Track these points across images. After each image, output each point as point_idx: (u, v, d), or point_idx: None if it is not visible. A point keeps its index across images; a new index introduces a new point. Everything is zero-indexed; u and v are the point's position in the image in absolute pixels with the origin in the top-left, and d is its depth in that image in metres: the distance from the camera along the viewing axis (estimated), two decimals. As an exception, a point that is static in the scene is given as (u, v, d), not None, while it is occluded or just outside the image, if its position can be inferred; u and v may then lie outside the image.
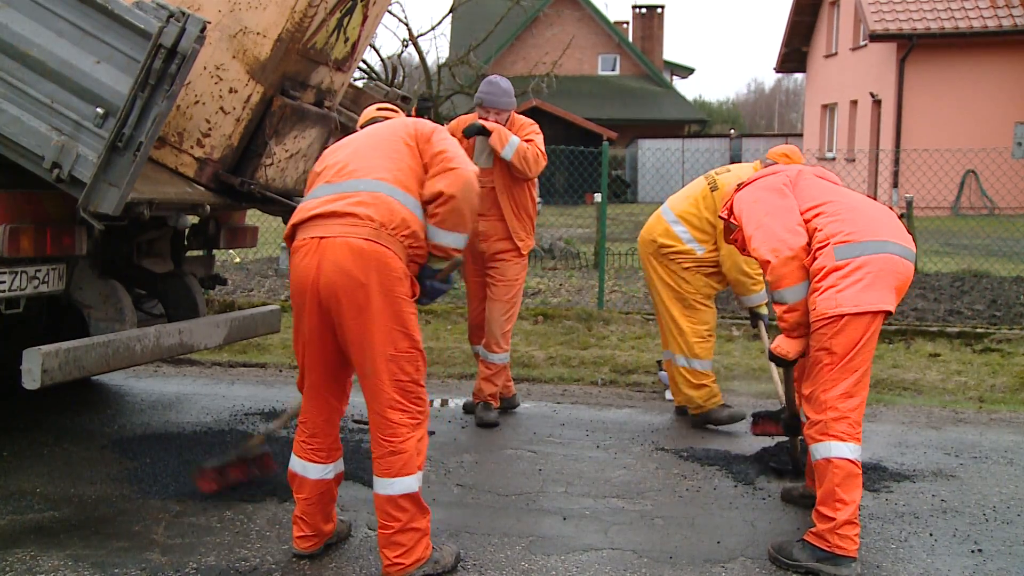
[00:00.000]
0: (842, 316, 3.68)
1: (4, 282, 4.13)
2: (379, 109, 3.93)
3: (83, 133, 3.76)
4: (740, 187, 4.21)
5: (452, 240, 3.49)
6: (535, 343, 7.80)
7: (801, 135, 30.82)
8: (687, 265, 5.59)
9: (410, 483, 3.37)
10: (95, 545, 3.74)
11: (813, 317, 3.78)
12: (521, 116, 5.76)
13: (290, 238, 3.47)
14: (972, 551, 3.86)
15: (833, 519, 3.61)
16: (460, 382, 6.82)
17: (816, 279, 3.78)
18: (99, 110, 3.74)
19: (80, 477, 4.52)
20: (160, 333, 4.54)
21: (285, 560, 3.63)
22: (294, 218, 3.44)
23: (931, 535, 4.02)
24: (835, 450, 3.67)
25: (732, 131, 36.09)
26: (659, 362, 6.64)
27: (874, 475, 4.73)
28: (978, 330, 7.85)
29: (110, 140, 3.71)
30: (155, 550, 3.70)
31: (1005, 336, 7.72)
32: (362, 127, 3.86)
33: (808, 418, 3.81)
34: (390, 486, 3.37)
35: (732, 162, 22.70)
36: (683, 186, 6.04)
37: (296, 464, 3.61)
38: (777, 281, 3.80)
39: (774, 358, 3.99)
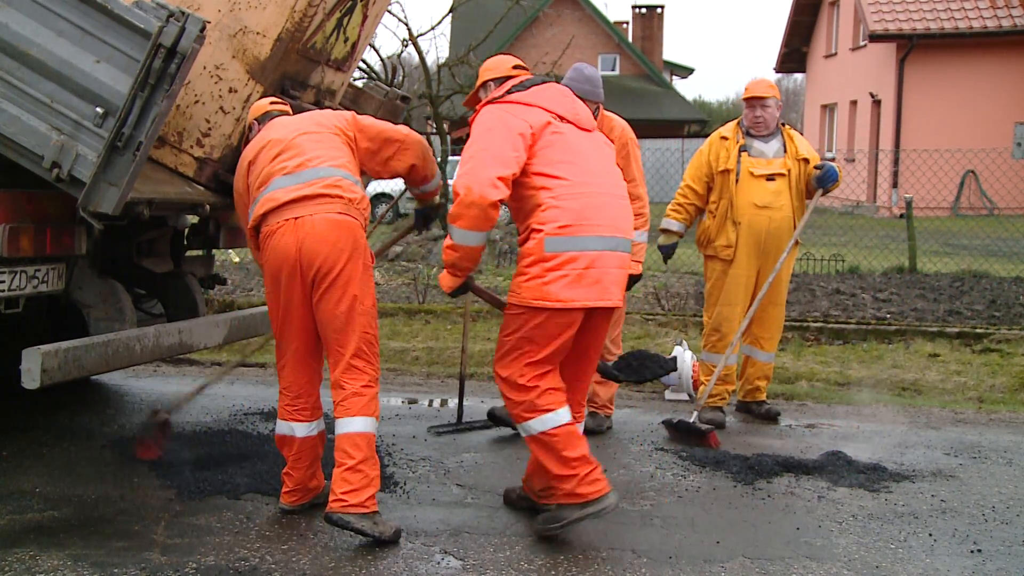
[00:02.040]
0: (546, 309, 3.68)
1: (4, 282, 4.12)
2: (272, 103, 4.31)
3: (83, 133, 3.76)
4: (493, 101, 3.88)
5: (431, 185, 4.39)
6: (535, 343, 7.79)
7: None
8: (709, 253, 5.77)
9: (367, 423, 3.75)
10: (95, 545, 3.73)
11: (516, 299, 3.75)
12: (612, 114, 5.28)
13: (256, 228, 3.87)
14: (971, 551, 3.85)
15: (575, 475, 3.73)
16: (460, 382, 6.80)
17: (525, 262, 3.73)
18: (99, 110, 3.74)
19: (80, 477, 4.52)
20: (160, 333, 4.54)
21: (285, 560, 3.63)
22: (262, 208, 3.82)
23: (930, 535, 4.02)
24: (549, 421, 3.74)
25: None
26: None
27: (874, 475, 4.73)
28: (977, 330, 7.85)
29: (110, 140, 3.71)
30: (155, 550, 3.69)
31: (1004, 336, 7.72)
32: (257, 120, 4.24)
33: (510, 399, 3.81)
34: (349, 424, 3.74)
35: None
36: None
37: (283, 427, 4.00)
38: (455, 217, 3.69)
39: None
